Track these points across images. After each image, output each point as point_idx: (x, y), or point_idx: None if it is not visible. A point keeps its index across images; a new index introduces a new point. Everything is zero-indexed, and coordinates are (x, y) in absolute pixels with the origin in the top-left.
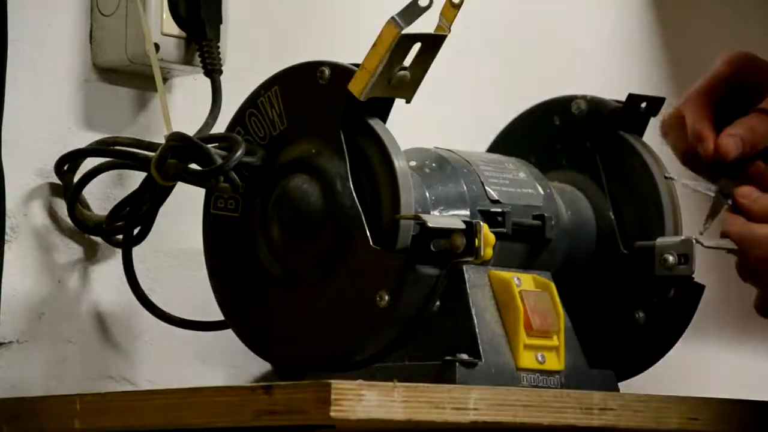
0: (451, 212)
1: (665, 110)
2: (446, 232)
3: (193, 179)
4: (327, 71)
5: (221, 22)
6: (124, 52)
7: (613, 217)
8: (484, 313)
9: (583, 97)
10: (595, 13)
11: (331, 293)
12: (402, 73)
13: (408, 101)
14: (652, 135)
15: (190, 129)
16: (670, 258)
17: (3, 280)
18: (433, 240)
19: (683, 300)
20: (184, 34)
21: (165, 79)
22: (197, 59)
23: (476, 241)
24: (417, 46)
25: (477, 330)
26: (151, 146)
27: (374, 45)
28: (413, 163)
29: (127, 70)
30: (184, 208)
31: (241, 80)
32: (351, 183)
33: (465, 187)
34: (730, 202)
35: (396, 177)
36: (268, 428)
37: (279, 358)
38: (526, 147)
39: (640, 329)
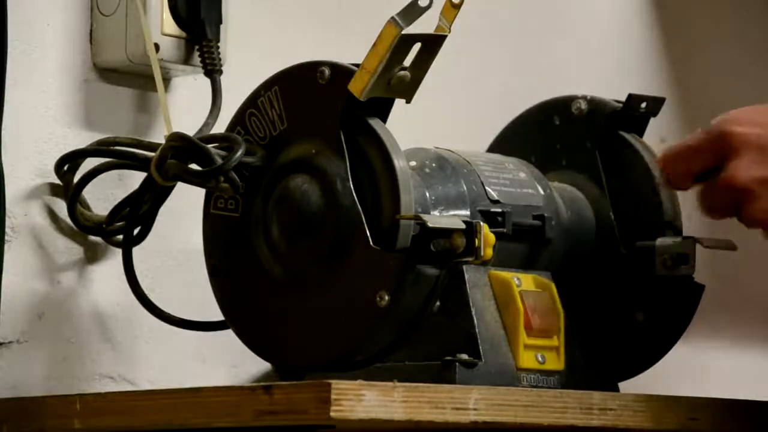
0: (451, 212)
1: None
2: (446, 232)
3: (193, 179)
4: (327, 71)
5: (221, 22)
6: (124, 52)
7: (613, 217)
8: (484, 313)
9: (583, 97)
10: (596, 13)
11: (331, 293)
12: (402, 73)
13: (408, 101)
14: (652, 135)
15: (190, 129)
16: (670, 258)
17: (3, 280)
18: (433, 240)
19: (683, 300)
20: (184, 34)
21: (165, 79)
22: (197, 59)
23: (476, 241)
24: (417, 46)
25: (477, 330)
26: (151, 146)
27: (374, 45)
28: (413, 163)
29: (127, 70)
30: (184, 208)
31: (241, 80)
32: (351, 183)
33: (465, 187)
34: None
35: (396, 177)
36: (268, 428)
37: (279, 358)
38: (526, 147)
39: (640, 329)
